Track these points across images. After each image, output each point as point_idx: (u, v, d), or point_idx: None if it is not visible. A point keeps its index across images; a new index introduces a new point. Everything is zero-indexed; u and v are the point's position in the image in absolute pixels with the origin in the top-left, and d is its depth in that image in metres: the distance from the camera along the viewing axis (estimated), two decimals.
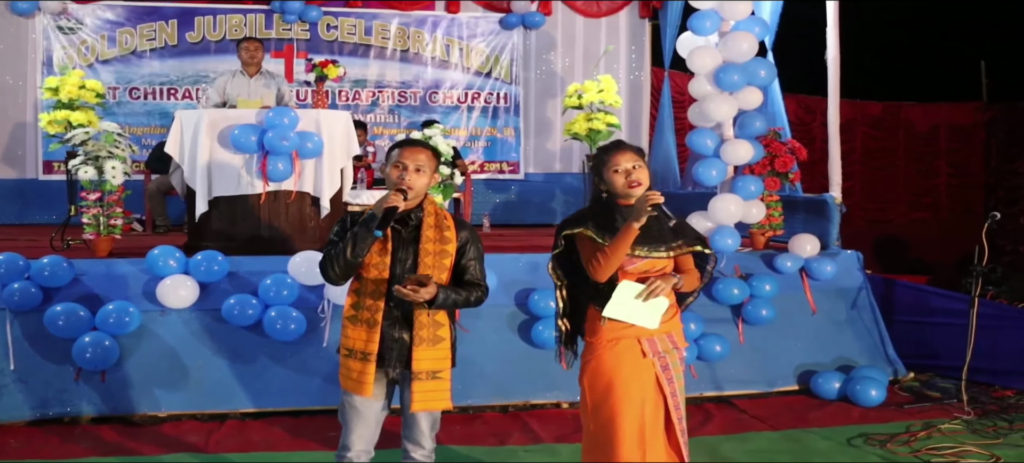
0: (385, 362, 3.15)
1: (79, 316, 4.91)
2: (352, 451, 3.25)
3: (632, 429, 3.28)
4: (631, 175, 3.26)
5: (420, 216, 3.20)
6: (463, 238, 3.24)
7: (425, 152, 3.20)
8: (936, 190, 11.63)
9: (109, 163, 5.45)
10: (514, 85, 9.47)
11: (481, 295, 3.25)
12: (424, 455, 3.29)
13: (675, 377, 3.35)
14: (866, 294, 6.42)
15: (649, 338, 3.32)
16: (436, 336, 3.17)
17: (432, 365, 3.15)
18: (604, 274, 3.25)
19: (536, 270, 5.72)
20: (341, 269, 3.11)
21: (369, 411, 3.22)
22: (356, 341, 3.14)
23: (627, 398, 3.28)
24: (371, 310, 3.12)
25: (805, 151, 6.73)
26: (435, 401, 3.18)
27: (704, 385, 5.69)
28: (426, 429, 3.26)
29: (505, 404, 5.38)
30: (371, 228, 3.05)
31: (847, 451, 4.69)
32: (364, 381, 3.11)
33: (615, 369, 3.30)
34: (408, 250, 3.15)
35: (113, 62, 8.56)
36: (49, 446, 4.53)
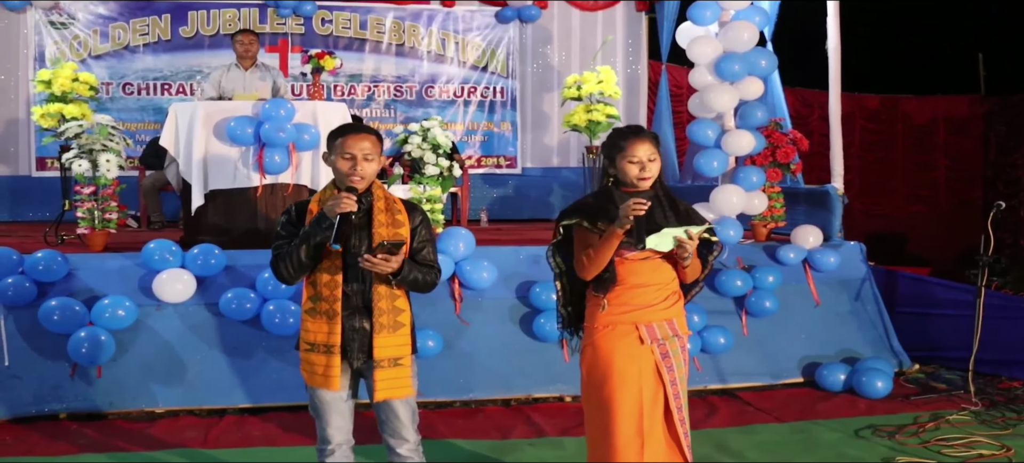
0: (348, 353, 3.07)
1: (74, 311, 4.82)
2: (332, 443, 3.18)
3: (629, 417, 3.21)
4: (644, 169, 3.19)
5: (370, 200, 3.11)
6: (416, 220, 3.17)
7: (370, 138, 3.09)
8: (934, 183, 11.60)
9: (103, 156, 5.36)
10: (511, 79, 9.39)
11: (434, 279, 3.18)
12: (409, 449, 3.19)
13: (675, 365, 3.27)
14: (870, 285, 6.37)
15: (648, 324, 3.24)
16: (396, 322, 3.09)
17: (393, 351, 3.07)
18: (589, 274, 3.20)
19: (537, 263, 5.65)
20: (294, 271, 3.03)
21: (340, 402, 3.14)
22: (317, 334, 3.05)
23: (623, 384, 3.21)
24: (329, 301, 3.03)
25: (807, 142, 6.68)
26: (398, 389, 3.09)
27: (708, 377, 5.63)
28: (407, 420, 3.17)
29: (507, 398, 5.31)
30: (317, 236, 2.95)
31: (856, 443, 4.63)
32: (331, 374, 3.03)
33: (611, 354, 3.23)
34: (361, 235, 3.06)
35: (106, 57, 8.45)
36: (43, 443, 4.44)
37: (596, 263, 3.17)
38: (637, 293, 3.25)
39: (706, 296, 5.80)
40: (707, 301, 5.78)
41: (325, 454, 3.19)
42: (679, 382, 3.30)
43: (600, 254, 3.16)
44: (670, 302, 3.30)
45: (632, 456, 3.23)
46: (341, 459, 3.19)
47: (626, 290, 3.24)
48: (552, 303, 5.38)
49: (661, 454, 3.28)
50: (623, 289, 3.24)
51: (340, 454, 3.18)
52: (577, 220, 3.25)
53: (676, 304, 3.34)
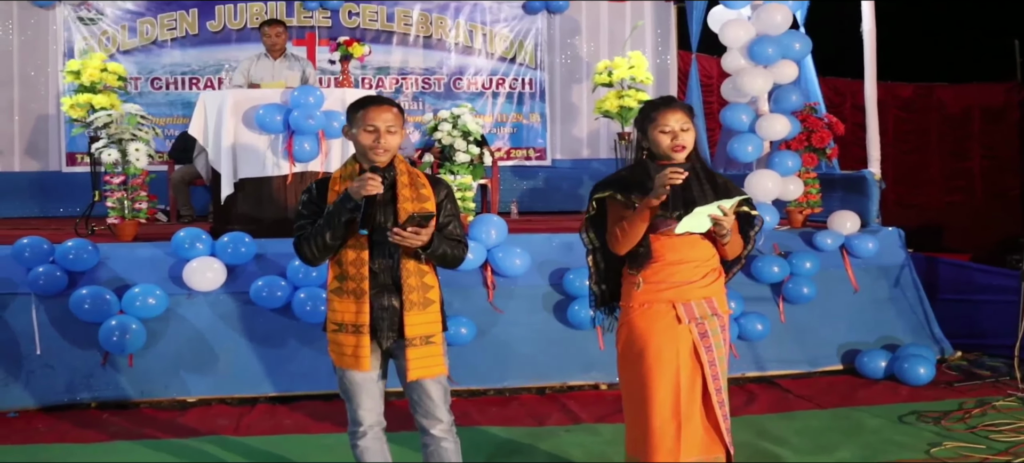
0: (378, 332, 2.99)
1: (105, 299, 4.80)
2: (364, 425, 3.10)
3: (666, 400, 3.12)
4: (677, 138, 3.10)
5: (393, 174, 3.02)
6: (441, 194, 3.09)
7: (392, 110, 3.01)
8: (969, 173, 11.35)
9: (132, 145, 5.35)
10: (539, 71, 9.31)
11: (462, 253, 3.10)
12: (443, 429, 3.10)
13: (714, 346, 3.17)
14: (909, 271, 6.22)
15: (685, 303, 3.14)
16: (426, 299, 3.01)
17: (425, 329, 2.99)
18: (623, 248, 3.11)
19: (570, 250, 5.57)
20: (319, 252, 2.95)
21: (371, 384, 3.07)
22: (345, 314, 2.97)
23: (660, 366, 3.12)
24: (356, 280, 2.95)
25: (842, 125, 6.54)
26: (431, 367, 3.01)
27: (746, 365, 5.51)
28: (439, 400, 3.08)
29: (542, 386, 5.22)
30: (342, 216, 2.87)
31: (900, 428, 4.50)
32: (361, 355, 2.95)
33: (648, 333, 3.14)
34: (386, 211, 2.98)
35: (134, 52, 8.47)
36: (76, 431, 4.42)
37: (630, 236, 3.08)
38: (674, 270, 3.16)
39: (742, 282, 5.69)
40: (743, 287, 5.67)
41: (357, 436, 3.12)
42: (718, 363, 3.19)
43: (634, 227, 3.06)
44: (709, 280, 3.20)
45: (669, 441, 3.14)
46: (373, 440, 3.12)
47: (663, 267, 3.15)
48: (586, 290, 5.29)
49: (698, 439, 3.18)
50: (659, 266, 3.15)
51: (372, 435, 3.11)
52: (610, 193, 3.16)
53: (716, 282, 3.24)
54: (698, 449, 3.17)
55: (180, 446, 4.18)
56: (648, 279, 3.15)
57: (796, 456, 4.04)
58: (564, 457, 4.06)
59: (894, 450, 4.13)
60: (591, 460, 4.00)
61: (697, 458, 3.17)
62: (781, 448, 4.16)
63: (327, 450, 4.08)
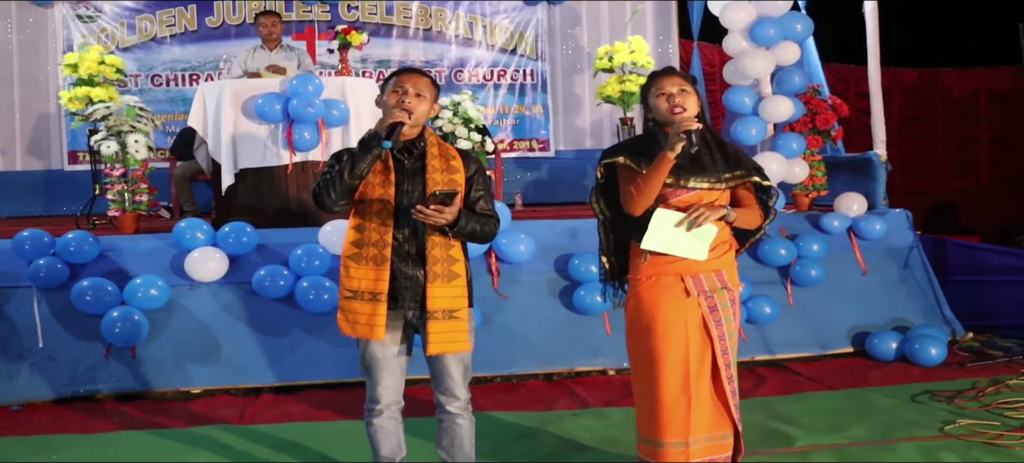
0: (398, 302, 2.93)
1: (107, 291, 4.76)
2: (381, 403, 3.03)
3: (675, 375, 3.07)
4: (674, 99, 3.06)
5: (422, 146, 2.98)
6: (472, 169, 3.03)
7: (425, 79, 2.98)
8: (977, 158, 11.25)
9: (132, 137, 5.31)
10: (540, 62, 9.25)
11: (493, 228, 3.05)
12: (459, 407, 3.05)
13: (724, 320, 3.12)
14: (918, 253, 6.15)
15: (694, 275, 3.09)
16: (451, 272, 2.94)
17: (448, 303, 2.92)
18: (638, 206, 3.05)
19: (575, 236, 5.52)
20: (338, 192, 2.86)
21: (391, 360, 2.99)
22: (362, 281, 2.90)
23: (668, 340, 3.07)
24: (378, 245, 2.89)
25: (847, 107, 6.48)
26: (453, 343, 2.94)
27: (755, 348, 5.45)
28: (458, 377, 3.02)
29: (549, 372, 5.17)
30: (372, 146, 2.81)
31: (913, 407, 4.43)
32: (376, 324, 2.88)
33: (656, 307, 3.09)
34: (414, 181, 2.93)
35: (134, 49, 8.43)
36: (78, 422, 4.37)
37: (645, 193, 3.03)
38: None
39: (750, 266, 5.63)
40: (751, 271, 5.61)
41: (372, 414, 3.06)
42: (728, 338, 3.14)
43: (649, 182, 3.01)
44: (719, 252, 3.15)
45: (679, 417, 3.09)
46: (389, 420, 3.06)
47: None
48: (592, 275, 5.24)
49: (708, 415, 3.13)
50: None
51: (388, 415, 3.05)
52: (620, 158, 3.12)
53: (726, 255, 3.18)
54: (708, 425, 3.13)
55: (185, 434, 4.13)
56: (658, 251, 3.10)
57: (808, 436, 3.98)
58: (573, 440, 4.00)
59: (907, 428, 4.06)
60: (600, 444, 3.94)
61: (706, 434, 3.12)
62: (792, 428, 4.10)
63: (334, 436, 4.03)
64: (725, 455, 3.19)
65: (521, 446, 3.93)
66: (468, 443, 3.10)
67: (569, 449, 3.89)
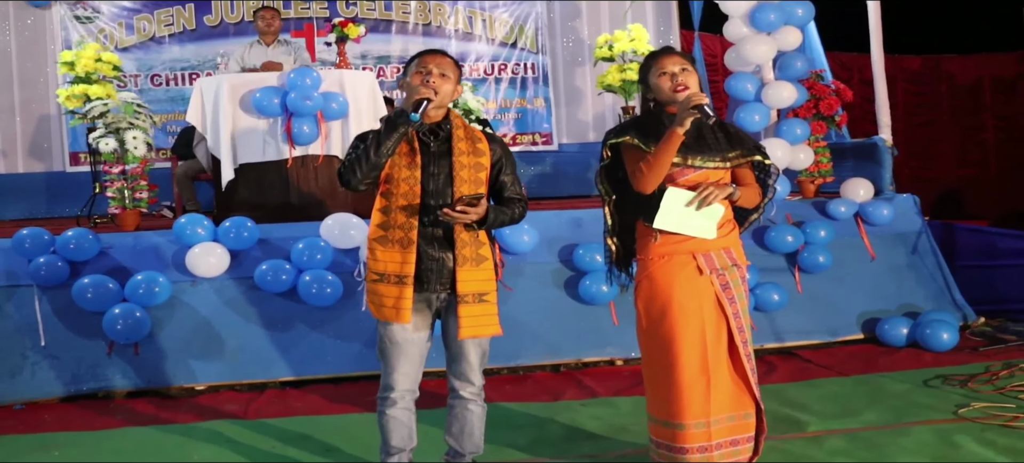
0: (425, 286, 2.88)
1: (108, 288, 4.72)
2: (396, 391, 2.97)
3: (693, 354, 3.02)
4: (677, 78, 3.02)
5: (448, 128, 2.95)
6: (498, 152, 3.01)
7: (448, 59, 2.95)
8: (983, 145, 11.17)
9: (130, 133, 5.26)
10: (541, 55, 9.19)
11: (522, 210, 3.03)
12: (473, 392, 3.02)
13: (737, 297, 3.08)
14: (926, 238, 6.09)
15: (705, 253, 3.06)
16: (479, 255, 2.91)
17: (479, 287, 2.90)
18: (649, 184, 3.01)
19: (579, 225, 5.46)
20: (364, 170, 2.82)
21: (412, 345, 2.94)
22: (388, 264, 2.87)
23: (685, 317, 3.03)
24: (404, 228, 2.86)
25: (850, 92, 6.43)
26: (484, 327, 2.91)
27: (764, 337, 5.38)
28: (475, 362, 2.99)
29: (556, 363, 5.11)
30: (398, 124, 2.79)
31: (925, 391, 4.37)
32: (402, 307, 2.84)
33: (670, 286, 3.05)
34: (440, 164, 2.90)
35: (132, 49, 8.38)
36: (83, 420, 4.33)
37: (656, 170, 2.99)
38: None
39: (757, 253, 5.58)
40: (758, 258, 5.55)
41: (386, 403, 3.00)
42: (742, 314, 3.10)
43: (659, 159, 2.97)
44: (726, 230, 3.12)
45: (699, 398, 3.04)
46: (402, 411, 3.00)
47: None
48: (597, 265, 5.19)
49: (728, 394, 3.09)
50: None
51: (402, 405, 2.99)
52: (627, 137, 3.08)
53: (732, 232, 3.16)
54: (728, 404, 3.08)
55: (191, 429, 4.08)
56: (666, 231, 3.06)
57: (819, 421, 3.92)
58: (581, 429, 3.94)
59: (921, 412, 4.00)
60: (609, 432, 3.88)
61: (727, 413, 3.07)
62: (803, 414, 4.04)
63: (340, 429, 3.97)
64: (748, 435, 3.14)
65: (528, 435, 3.87)
66: (478, 431, 3.05)
67: (577, 438, 3.83)
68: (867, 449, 3.50)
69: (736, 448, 3.11)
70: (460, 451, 3.09)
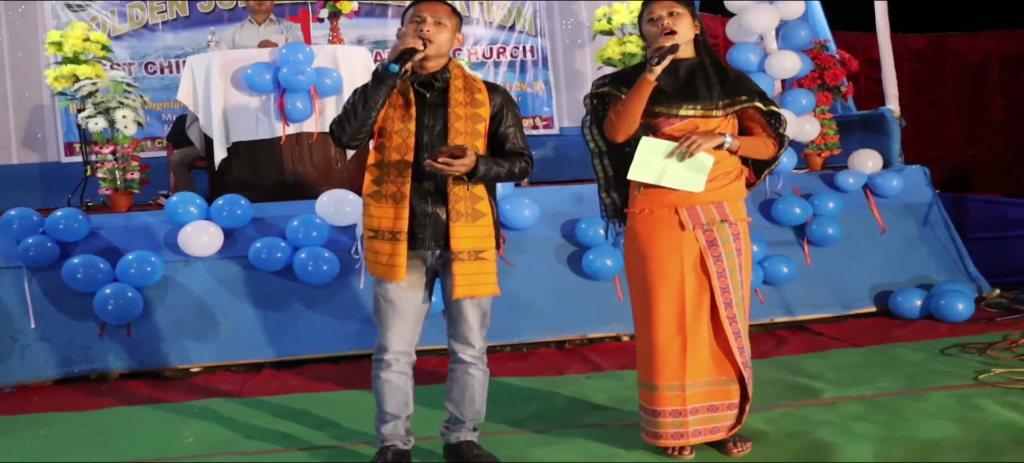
0: (419, 242, 2.76)
1: (99, 268, 4.59)
2: (390, 352, 2.83)
3: (669, 310, 2.89)
4: (663, 22, 2.89)
5: (446, 78, 2.80)
6: (498, 102, 2.85)
7: (445, 7, 2.80)
8: (991, 124, 10.97)
9: (119, 113, 5.14)
10: (539, 38, 9.05)
11: (526, 166, 2.86)
12: (474, 355, 2.87)
13: (724, 255, 2.92)
14: (938, 209, 5.93)
15: (689, 207, 2.91)
16: (475, 210, 2.77)
17: (474, 244, 2.76)
18: (618, 131, 2.90)
19: (581, 200, 5.33)
20: (353, 126, 2.70)
21: (407, 304, 2.80)
22: (382, 220, 2.74)
23: (663, 274, 2.89)
24: (397, 183, 2.73)
25: (856, 62, 6.28)
26: (481, 285, 2.77)
27: (774, 310, 5.25)
28: (475, 323, 2.84)
29: (561, 339, 4.97)
30: (384, 77, 2.65)
31: (943, 360, 4.22)
32: (396, 263, 2.71)
33: (650, 242, 2.92)
34: (436, 115, 2.76)
35: (126, 38, 8.25)
36: (73, 401, 4.20)
37: (624, 118, 2.87)
38: None
39: (764, 226, 5.45)
40: (766, 231, 5.42)
41: (380, 366, 2.86)
42: (729, 275, 2.92)
43: (628, 106, 2.86)
44: (720, 182, 2.95)
45: (673, 359, 2.91)
46: (397, 374, 2.86)
47: None
48: (601, 239, 5.06)
49: (705, 358, 2.94)
50: None
51: (397, 368, 2.85)
52: (606, 88, 2.99)
53: (729, 186, 2.98)
54: (707, 368, 2.93)
55: (183, 408, 3.95)
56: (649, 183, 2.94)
57: (834, 389, 3.77)
58: (586, 401, 3.81)
59: (939, 379, 3.86)
60: (615, 403, 3.73)
61: (705, 377, 2.93)
62: (817, 382, 3.89)
63: (337, 406, 3.83)
64: (729, 401, 2.99)
65: (532, 407, 3.74)
66: (479, 397, 2.91)
67: (582, 409, 3.70)
68: (886, 413, 3.36)
69: (714, 414, 2.97)
70: (460, 417, 2.95)
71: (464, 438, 2.96)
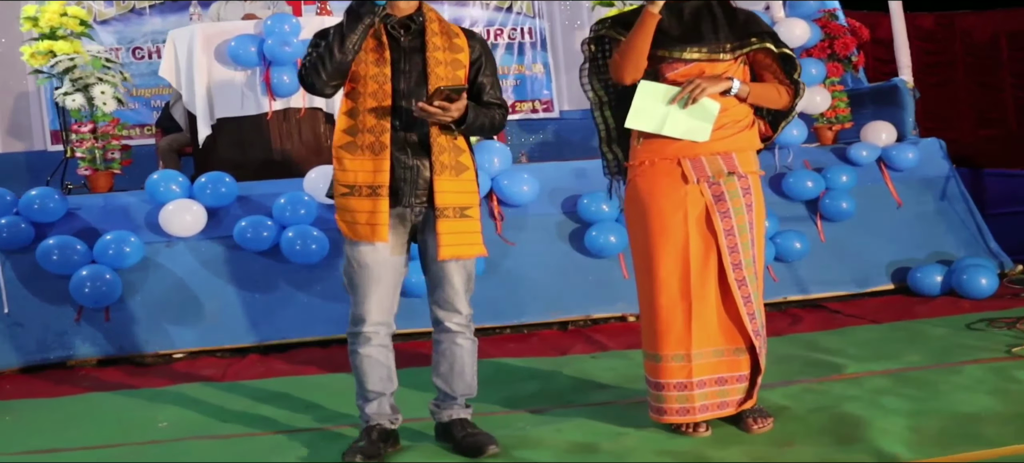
0: (400, 198, 2.52)
1: (75, 249, 4.36)
2: (368, 324, 2.58)
3: (672, 272, 2.65)
4: None
5: (421, 21, 2.58)
6: (477, 49, 2.65)
7: None
8: (1002, 104, 10.73)
9: (98, 88, 4.89)
10: (538, 19, 8.80)
11: (503, 117, 2.67)
12: (460, 323, 2.63)
13: (732, 210, 2.67)
14: (955, 182, 5.68)
15: (693, 158, 2.67)
16: (459, 163, 2.55)
17: (459, 199, 2.53)
18: (624, 72, 2.67)
19: (583, 175, 5.10)
20: (329, 71, 2.47)
21: (385, 269, 2.56)
22: (359, 173, 2.50)
23: (665, 232, 2.65)
24: (374, 132, 2.49)
25: (867, 31, 6.04)
26: (467, 245, 2.55)
27: (787, 288, 5.00)
28: (461, 287, 2.60)
29: (564, 320, 4.73)
30: (362, 13, 2.43)
31: (970, 335, 3.97)
32: (377, 222, 2.47)
33: (650, 197, 2.69)
34: (412, 60, 2.54)
35: (112, 22, 8.01)
36: (45, 387, 3.97)
37: (628, 57, 2.64)
38: None
39: (775, 201, 5.21)
40: (777, 206, 5.17)
41: (358, 340, 2.61)
42: (738, 232, 2.67)
43: (632, 43, 2.63)
44: (728, 130, 2.70)
45: (677, 326, 2.66)
46: (377, 347, 2.61)
47: None
48: (604, 215, 4.82)
49: (713, 325, 2.68)
50: None
51: (377, 341, 2.61)
52: (608, 30, 2.77)
53: (737, 135, 2.73)
54: (715, 336, 2.68)
55: (159, 393, 3.71)
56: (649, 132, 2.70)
57: (857, 364, 3.52)
58: (591, 380, 3.56)
59: (969, 353, 3.60)
60: (621, 382, 3.48)
61: (713, 346, 2.68)
62: (839, 358, 3.64)
63: (320, 388, 3.59)
64: (739, 373, 2.74)
65: (532, 386, 3.49)
66: (470, 369, 2.67)
67: (586, 388, 3.45)
68: (916, 387, 3.11)
69: (723, 387, 2.72)
70: (450, 393, 2.71)
71: (457, 416, 2.71)
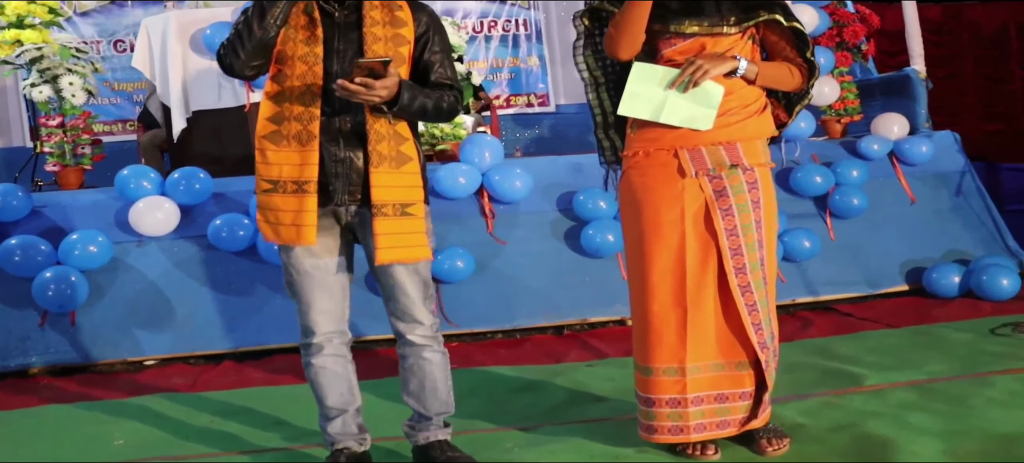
0: (330, 196, 2.23)
1: (39, 249, 4.10)
2: (318, 334, 2.32)
3: (665, 275, 2.38)
4: None
5: None
6: (424, 23, 2.33)
7: None
8: (1011, 97, 10.46)
9: (66, 79, 4.62)
10: (532, 10, 8.54)
11: (454, 102, 2.34)
12: (424, 335, 2.35)
13: (736, 208, 2.39)
14: (971, 178, 5.41)
15: (693, 148, 2.40)
16: (400, 154, 2.25)
17: (400, 195, 2.23)
18: (620, 46, 2.40)
19: (578, 171, 4.83)
20: (248, 50, 2.18)
21: (324, 273, 2.28)
22: (284, 167, 2.21)
23: (658, 230, 2.39)
24: (302, 120, 2.19)
25: (877, 18, 5.77)
26: (408, 248, 2.25)
27: (795, 290, 4.73)
28: (416, 295, 2.31)
29: (559, 324, 4.45)
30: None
31: (996, 340, 3.69)
32: (304, 222, 2.19)
33: (644, 191, 2.42)
34: (348, 37, 2.24)
35: (93, 14, 7.76)
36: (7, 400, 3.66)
37: (623, 28, 2.37)
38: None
39: (782, 197, 4.85)
40: (784, 203, 4.80)
41: (310, 352, 2.35)
42: (742, 232, 2.39)
43: (627, 13, 2.36)
44: (733, 117, 2.43)
45: (671, 336, 2.38)
46: (332, 358, 2.35)
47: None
48: (601, 212, 4.55)
49: (711, 336, 2.41)
50: None
51: (330, 350, 2.35)
52: (602, 2, 2.50)
53: (746, 121, 2.45)
54: (713, 349, 2.41)
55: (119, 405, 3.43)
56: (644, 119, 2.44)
57: (877, 374, 3.24)
58: (586, 391, 3.29)
59: (998, 362, 3.33)
60: (619, 394, 3.20)
61: (712, 360, 2.41)
62: (855, 367, 3.37)
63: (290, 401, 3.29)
64: (741, 390, 2.46)
65: (523, 400, 3.22)
66: (443, 384, 2.39)
67: (582, 400, 3.18)
68: (944, 402, 2.84)
69: (724, 405, 2.44)
70: (424, 413, 2.43)
71: (434, 438, 2.44)
